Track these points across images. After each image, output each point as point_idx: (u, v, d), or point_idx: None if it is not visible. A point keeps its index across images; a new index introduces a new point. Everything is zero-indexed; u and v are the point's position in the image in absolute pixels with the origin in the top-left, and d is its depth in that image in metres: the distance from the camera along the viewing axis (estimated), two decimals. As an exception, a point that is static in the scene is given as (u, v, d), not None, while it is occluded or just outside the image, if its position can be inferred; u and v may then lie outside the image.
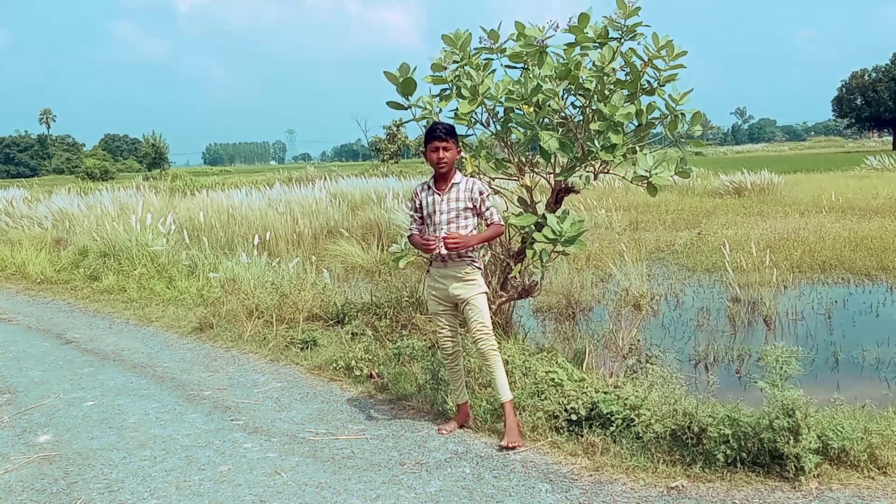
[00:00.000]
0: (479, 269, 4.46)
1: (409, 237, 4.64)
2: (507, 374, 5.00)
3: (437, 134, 4.32)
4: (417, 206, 4.49)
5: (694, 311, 8.21)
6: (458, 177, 4.41)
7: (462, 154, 5.55)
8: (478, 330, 4.34)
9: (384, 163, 54.09)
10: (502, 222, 4.48)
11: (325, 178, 24.48)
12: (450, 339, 4.50)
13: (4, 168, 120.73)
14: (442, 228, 4.34)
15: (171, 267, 10.52)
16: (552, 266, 8.51)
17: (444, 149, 4.32)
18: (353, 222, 14.91)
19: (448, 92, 5.73)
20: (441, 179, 4.41)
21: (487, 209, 4.39)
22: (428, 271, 4.51)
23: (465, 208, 4.34)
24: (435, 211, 4.38)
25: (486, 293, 4.48)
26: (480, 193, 4.38)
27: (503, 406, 4.37)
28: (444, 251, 4.27)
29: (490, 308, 6.07)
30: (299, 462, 4.24)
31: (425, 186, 4.46)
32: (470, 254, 4.40)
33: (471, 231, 4.39)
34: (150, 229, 11.69)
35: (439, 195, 4.38)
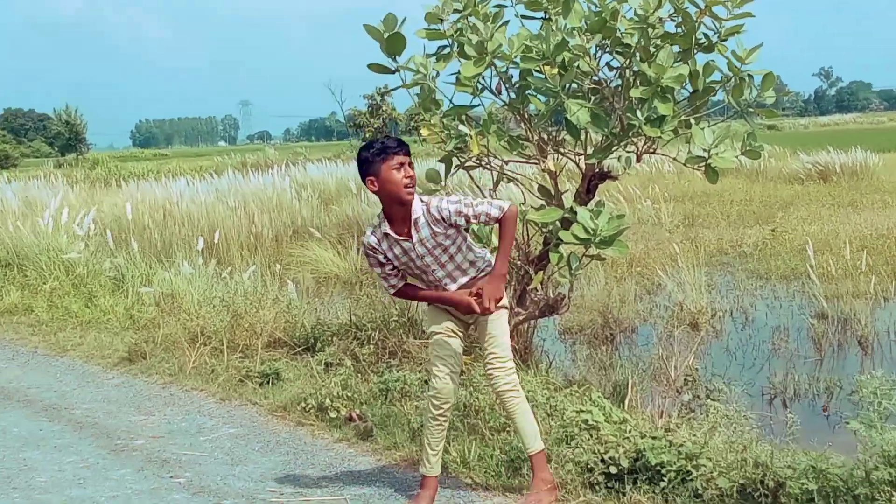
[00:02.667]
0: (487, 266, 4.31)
1: (396, 295, 4.40)
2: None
3: (401, 146, 4.06)
4: (383, 261, 4.21)
5: (768, 331, 8.21)
6: (414, 206, 4.07)
7: (465, 131, 5.57)
8: (491, 363, 4.23)
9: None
10: (505, 206, 4.11)
11: (290, 164, 24.53)
12: (450, 380, 4.26)
13: None
14: (436, 270, 4.17)
15: (92, 280, 10.52)
16: (584, 274, 8.49)
17: (410, 164, 4.06)
18: (327, 220, 14.93)
19: (447, 50, 5.74)
20: (398, 218, 4.10)
21: (477, 215, 4.07)
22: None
23: (448, 236, 4.10)
24: (412, 259, 4.14)
25: (507, 307, 4.37)
26: (457, 209, 4.04)
27: (532, 459, 4.33)
28: (491, 309, 4.11)
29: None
30: (259, 531, 4.24)
31: (381, 235, 4.15)
32: (482, 262, 4.27)
33: (469, 254, 4.23)
34: (64, 231, 11.69)
35: (406, 240, 4.09)
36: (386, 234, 4.13)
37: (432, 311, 4.38)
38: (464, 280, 4.24)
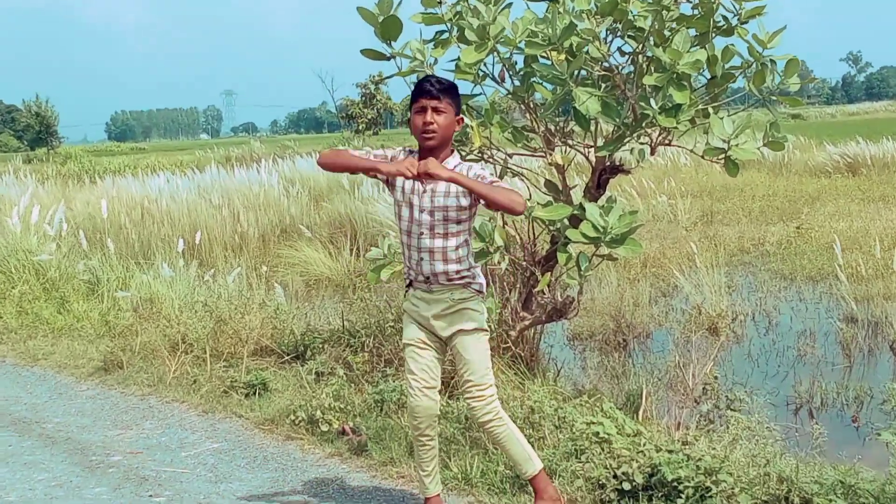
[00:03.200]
0: (481, 294, 4.21)
1: (323, 159, 4.17)
2: (533, 427, 5.00)
3: (427, 89, 4.01)
4: (388, 159, 4.09)
5: (793, 336, 8.21)
6: (453, 159, 4.10)
7: (466, 122, 5.57)
8: (469, 392, 4.14)
9: (359, 134, 54.25)
10: (521, 196, 4.00)
11: (278, 158, 24.54)
12: (423, 396, 4.17)
13: None
14: (419, 234, 4.08)
15: (64, 284, 10.51)
16: (594, 276, 8.50)
17: (436, 110, 3.99)
18: (318, 219, 14.92)
19: (446, 35, 5.74)
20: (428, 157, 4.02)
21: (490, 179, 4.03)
22: (406, 291, 4.31)
23: (459, 208, 4.05)
24: (412, 206, 4.10)
25: (485, 330, 4.25)
26: (481, 174, 4.03)
27: (532, 482, 4.30)
28: (411, 173, 3.86)
29: (509, 335, 6.11)
30: (245, 553, 4.25)
31: (409, 154, 4.10)
32: (467, 271, 4.15)
33: (462, 249, 4.13)
34: (34, 231, 11.69)
35: (421, 183, 4.05)
36: (411, 152, 4.13)
37: (405, 321, 4.32)
38: (439, 269, 4.09)
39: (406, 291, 4.32)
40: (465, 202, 4.04)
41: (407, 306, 4.30)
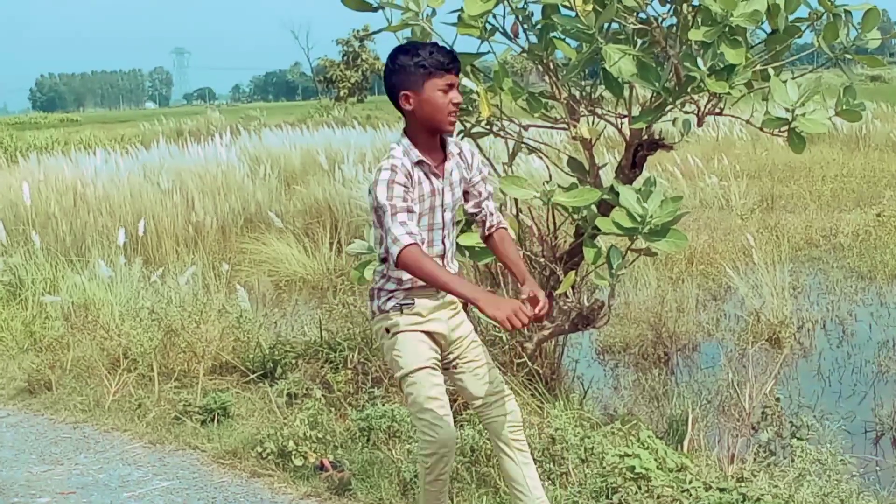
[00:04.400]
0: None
1: (404, 251, 3.95)
2: (553, 459, 5.02)
3: (454, 61, 4.13)
4: (411, 191, 4.11)
5: (872, 348, 8.21)
6: (448, 139, 4.31)
7: (471, 88, 5.57)
8: (499, 404, 4.34)
9: (340, 102, 54.30)
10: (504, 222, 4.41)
11: (241, 130, 24.56)
12: (450, 422, 4.24)
13: None
14: (447, 233, 4.25)
15: (-21, 286, 10.53)
16: (629, 274, 8.49)
17: (459, 89, 4.20)
18: (290, 206, 14.94)
19: (446, -20, 5.74)
20: (433, 146, 4.19)
21: (487, 196, 4.33)
22: (402, 305, 4.24)
23: (464, 184, 4.31)
24: (434, 206, 4.17)
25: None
26: (481, 169, 4.33)
27: None
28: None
29: (525, 348, 6.11)
30: None
31: (416, 160, 4.13)
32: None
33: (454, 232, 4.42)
34: (-58, 222, 11.70)
35: (438, 177, 4.17)
36: (420, 162, 4.11)
37: (409, 345, 4.25)
38: (454, 269, 4.27)
39: (400, 311, 4.29)
40: (461, 188, 4.28)
41: (407, 324, 4.28)
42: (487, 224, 4.33)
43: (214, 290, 8.61)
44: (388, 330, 4.20)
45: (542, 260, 6.05)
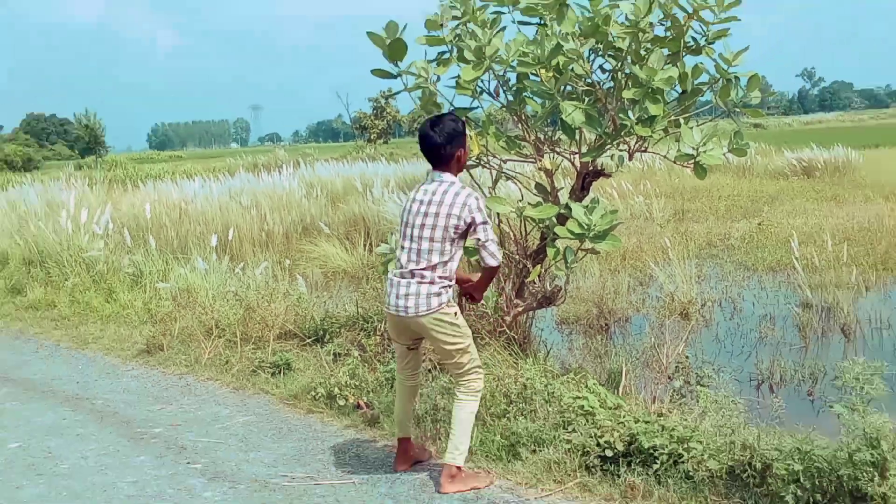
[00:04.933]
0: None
1: (498, 267, 4.51)
2: (524, 401, 5.01)
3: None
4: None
5: (755, 320, 8.21)
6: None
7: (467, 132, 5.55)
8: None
9: (371, 143, 54.19)
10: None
11: (299, 164, 24.51)
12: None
13: None
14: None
15: (111, 276, 10.52)
16: (579, 267, 8.49)
17: None
18: (334, 217, 14.91)
19: (447, 55, 5.73)
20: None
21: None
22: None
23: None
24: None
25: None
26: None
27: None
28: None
29: (504, 320, 6.09)
30: (272, 513, 4.25)
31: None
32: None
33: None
34: (84, 231, 11.69)
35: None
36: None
37: (464, 321, 4.51)
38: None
39: (456, 302, 4.57)
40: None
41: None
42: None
43: (280, 278, 8.60)
44: (457, 314, 4.38)
45: (517, 256, 6.03)
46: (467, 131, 5.56)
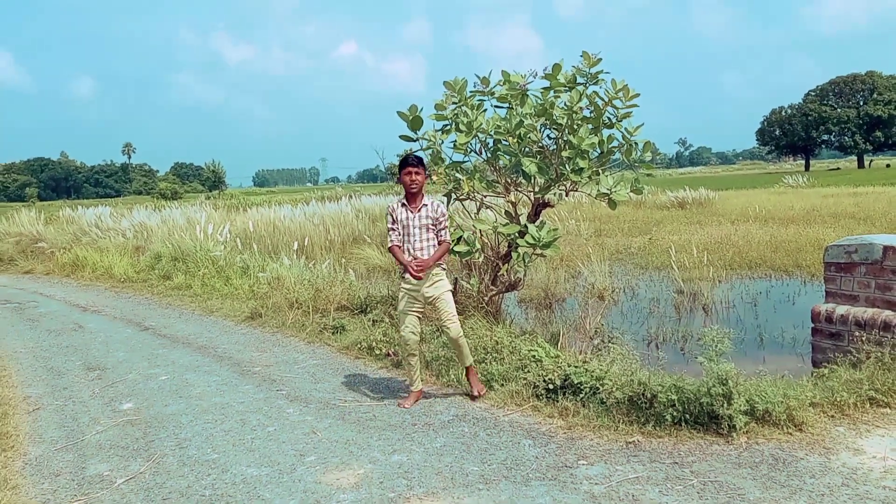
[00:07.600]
0: (444, 269, 4.48)
1: (389, 248, 4.43)
2: (496, 352, 5.00)
3: (410, 162, 4.30)
4: (395, 219, 4.38)
5: (647, 301, 8.20)
6: (426, 199, 4.38)
7: (458, 177, 5.56)
8: (447, 318, 4.36)
9: (398, 184, 54.08)
10: (449, 240, 4.42)
11: (351, 197, 24.48)
12: (414, 334, 4.43)
13: (94, 190, 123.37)
14: (415, 239, 4.33)
15: (228, 268, 10.51)
16: (533, 266, 8.50)
17: (416, 173, 4.29)
18: (373, 231, 14.89)
19: (448, 127, 5.73)
20: (412, 199, 4.34)
21: (443, 228, 4.37)
22: (402, 276, 4.43)
23: (430, 226, 4.34)
24: (409, 225, 4.34)
25: (451, 290, 4.47)
26: (442, 215, 4.37)
27: (468, 369, 4.51)
28: (419, 276, 4.27)
29: (483, 300, 6.09)
30: (331, 423, 4.24)
31: (400, 204, 4.36)
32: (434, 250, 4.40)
33: (433, 244, 4.37)
34: (210, 238, 11.68)
35: (412, 213, 4.32)
36: (403, 204, 4.33)
37: (402, 297, 4.41)
38: (426, 255, 4.33)
39: (402, 277, 4.40)
40: (431, 223, 4.36)
41: (403, 288, 4.41)
42: (439, 238, 4.39)
43: (338, 271, 8.59)
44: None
45: (492, 258, 6.03)
46: (460, 176, 5.60)
